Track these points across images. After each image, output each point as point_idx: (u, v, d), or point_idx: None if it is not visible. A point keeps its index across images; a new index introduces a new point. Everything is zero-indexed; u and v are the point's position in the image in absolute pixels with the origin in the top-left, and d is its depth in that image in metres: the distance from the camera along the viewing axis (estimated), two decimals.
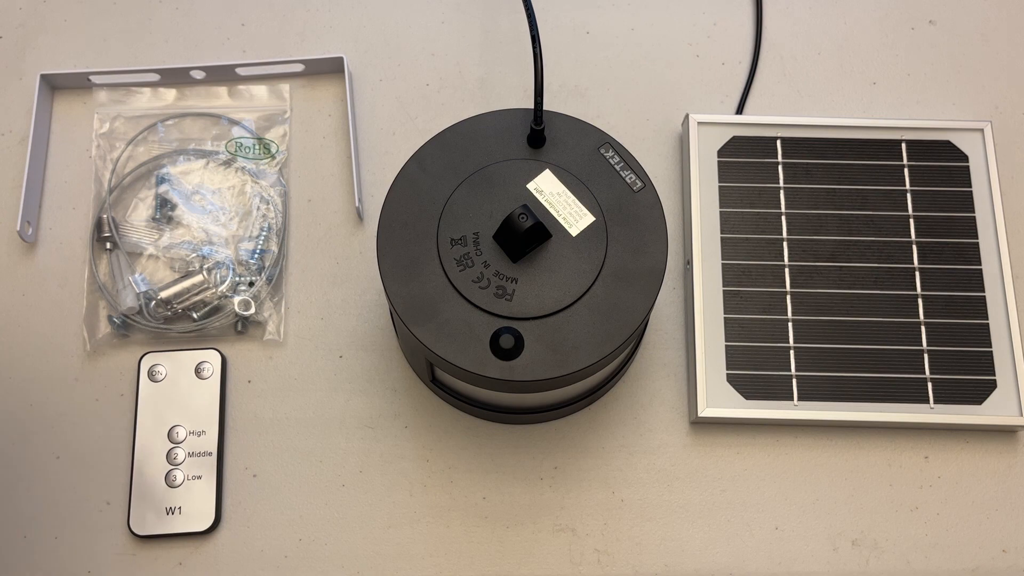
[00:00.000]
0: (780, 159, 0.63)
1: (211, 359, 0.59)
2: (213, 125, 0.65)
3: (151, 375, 0.58)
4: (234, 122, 0.65)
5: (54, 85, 0.66)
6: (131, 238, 0.62)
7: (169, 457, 0.57)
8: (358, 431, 0.58)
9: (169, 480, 0.56)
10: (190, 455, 0.57)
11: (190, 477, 0.56)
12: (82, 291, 0.61)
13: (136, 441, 0.57)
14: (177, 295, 0.60)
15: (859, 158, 0.63)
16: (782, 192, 0.62)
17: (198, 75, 0.65)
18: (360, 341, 0.60)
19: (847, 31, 0.69)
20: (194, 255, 0.61)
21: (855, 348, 0.58)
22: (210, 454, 0.57)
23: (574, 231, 0.50)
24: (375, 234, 0.52)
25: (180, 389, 0.58)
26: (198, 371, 0.58)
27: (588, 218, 0.51)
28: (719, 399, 0.57)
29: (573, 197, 0.51)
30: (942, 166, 0.63)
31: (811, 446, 0.58)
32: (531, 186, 0.52)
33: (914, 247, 0.61)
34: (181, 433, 0.57)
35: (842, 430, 0.59)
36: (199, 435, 0.57)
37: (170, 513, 0.56)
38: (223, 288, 0.60)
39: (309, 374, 0.60)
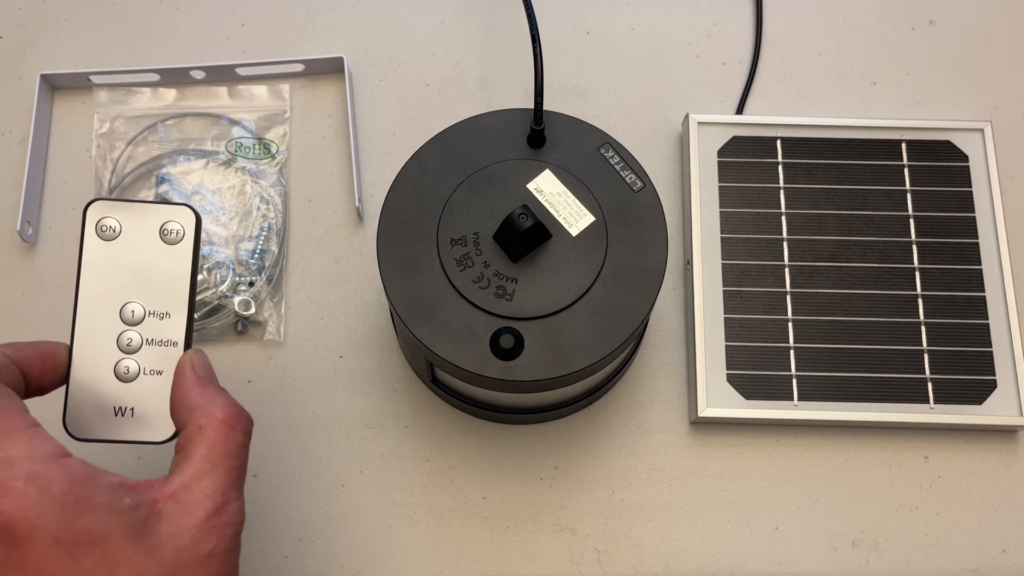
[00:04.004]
0: (780, 159, 0.63)
1: (181, 218, 0.44)
2: (213, 125, 0.65)
3: (99, 231, 0.44)
4: (234, 122, 0.65)
5: (54, 85, 0.66)
6: None
7: (121, 342, 0.43)
8: (358, 431, 0.58)
9: (119, 372, 0.43)
10: (148, 343, 0.44)
11: (147, 371, 0.43)
12: None
13: (77, 317, 0.43)
14: None
15: (859, 158, 0.63)
16: (782, 192, 0.62)
17: (198, 75, 0.65)
18: (360, 341, 0.60)
19: (847, 31, 0.69)
20: None
21: (855, 348, 0.58)
22: (175, 344, 0.44)
23: (574, 231, 0.50)
24: (375, 234, 0.52)
25: (139, 254, 0.44)
26: (164, 233, 0.44)
27: (588, 218, 0.51)
28: (719, 399, 0.57)
29: (573, 197, 0.51)
30: (942, 166, 0.63)
31: (811, 446, 0.58)
32: (531, 186, 0.51)
33: (914, 247, 0.61)
34: (138, 312, 0.44)
35: (842, 430, 0.59)
36: (162, 318, 0.44)
37: (119, 414, 0.43)
38: (223, 288, 0.60)
39: (309, 374, 0.60)
